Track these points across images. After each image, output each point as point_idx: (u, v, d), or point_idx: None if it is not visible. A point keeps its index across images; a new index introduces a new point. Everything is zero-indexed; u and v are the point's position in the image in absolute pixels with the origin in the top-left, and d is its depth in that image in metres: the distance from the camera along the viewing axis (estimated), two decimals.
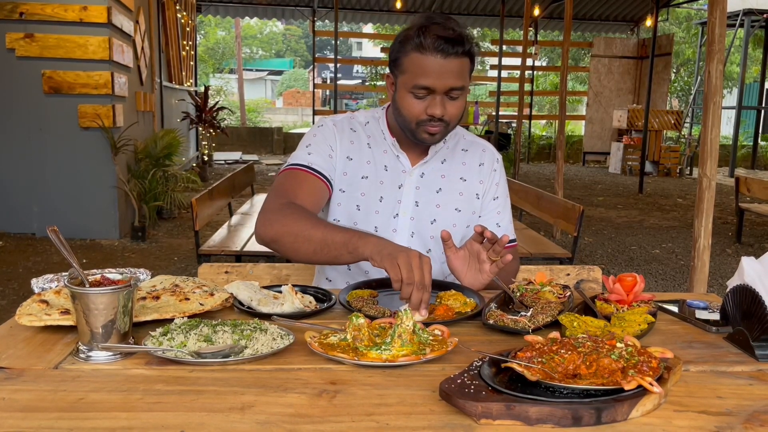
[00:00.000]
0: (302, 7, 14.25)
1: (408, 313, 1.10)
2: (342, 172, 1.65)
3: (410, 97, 1.53)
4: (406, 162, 1.67)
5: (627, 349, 0.99)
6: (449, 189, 1.68)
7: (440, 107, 1.50)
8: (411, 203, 1.65)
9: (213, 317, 1.24)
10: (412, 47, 1.49)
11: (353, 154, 1.66)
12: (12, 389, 0.95)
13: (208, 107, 10.92)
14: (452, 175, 1.69)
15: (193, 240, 3.94)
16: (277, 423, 0.86)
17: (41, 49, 5.77)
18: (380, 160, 1.67)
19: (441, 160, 1.69)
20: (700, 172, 3.32)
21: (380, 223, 1.65)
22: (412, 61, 1.50)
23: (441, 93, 1.50)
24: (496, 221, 1.73)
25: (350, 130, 1.69)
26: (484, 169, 1.72)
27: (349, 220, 1.65)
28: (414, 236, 1.66)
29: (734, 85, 19.92)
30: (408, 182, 1.66)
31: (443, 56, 1.46)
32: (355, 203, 1.64)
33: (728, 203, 9.43)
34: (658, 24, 11.95)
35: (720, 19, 3.18)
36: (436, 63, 1.46)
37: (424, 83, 1.49)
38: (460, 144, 1.74)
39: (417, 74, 1.49)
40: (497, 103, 12.66)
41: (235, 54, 28.05)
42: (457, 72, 1.49)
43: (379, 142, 1.68)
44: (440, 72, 1.47)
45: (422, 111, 1.52)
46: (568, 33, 7.17)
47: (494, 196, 1.73)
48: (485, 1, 14.43)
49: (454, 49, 1.46)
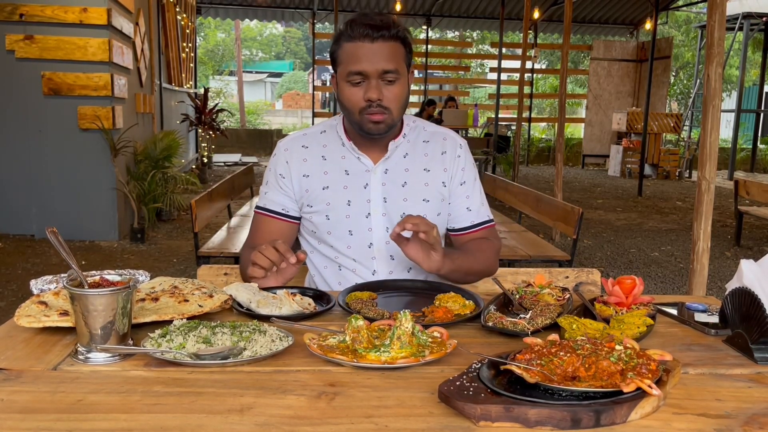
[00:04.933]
0: (302, 10, 14.26)
1: (407, 315, 1.10)
2: (303, 190, 1.71)
3: (348, 86, 1.58)
4: (368, 161, 1.69)
5: (626, 351, 0.99)
6: (414, 181, 1.70)
7: (375, 90, 1.55)
8: (380, 200, 1.68)
9: (212, 319, 1.24)
10: (344, 39, 1.58)
11: (309, 170, 1.71)
12: (10, 390, 0.95)
13: (207, 109, 10.92)
14: (415, 167, 1.72)
15: (192, 242, 3.94)
16: (276, 425, 0.86)
17: (41, 50, 5.78)
18: (339, 166, 1.70)
19: (403, 154, 1.72)
20: (700, 175, 3.32)
21: (353, 226, 1.68)
22: (344, 51, 1.58)
23: (375, 77, 1.55)
24: (465, 206, 1.76)
25: (302, 148, 1.74)
26: (447, 156, 1.75)
27: (324, 231, 1.70)
28: (389, 231, 1.68)
29: (733, 89, 19.94)
30: (373, 180, 1.69)
31: (370, 40, 1.54)
32: (324, 215, 1.69)
33: (727, 206, 9.43)
34: (657, 27, 11.97)
35: (719, 23, 3.19)
36: (364, 48, 1.54)
37: (356, 68, 1.55)
38: (421, 136, 1.76)
39: (349, 62, 1.56)
40: (497, 105, 12.66)
41: (234, 56, 28.06)
42: (387, 55, 1.55)
43: (336, 149, 1.72)
44: (370, 56, 1.54)
45: (360, 98, 1.57)
46: (567, 36, 7.17)
47: (461, 181, 1.76)
48: (485, 4, 14.44)
49: (380, 33, 1.54)
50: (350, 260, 1.70)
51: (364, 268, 1.69)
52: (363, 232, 1.68)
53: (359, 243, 1.69)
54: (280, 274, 1.52)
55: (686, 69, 22.59)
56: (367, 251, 1.69)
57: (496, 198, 5.64)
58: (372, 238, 1.68)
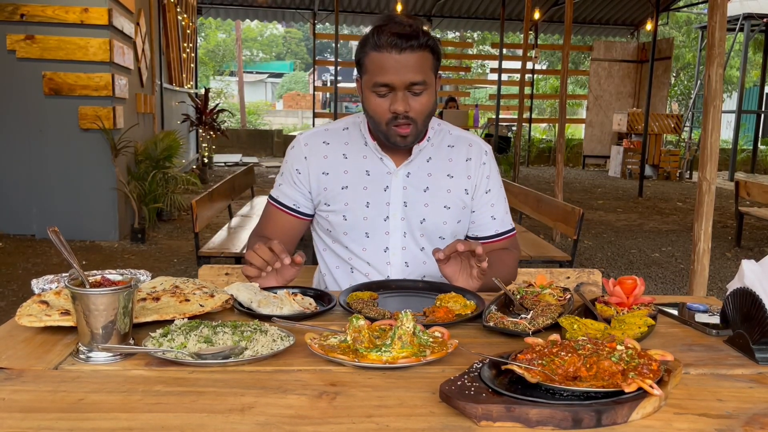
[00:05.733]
0: (303, 10, 14.27)
1: (408, 315, 1.10)
2: (322, 188, 1.67)
3: (374, 97, 1.54)
4: (390, 163, 1.66)
5: (627, 351, 0.99)
6: (436, 187, 1.67)
7: (402, 103, 1.51)
8: (400, 204, 1.65)
9: (213, 318, 1.24)
10: (370, 47, 1.52)
11: (329, 168, 1.67)
12: (12, 389, 0.95)
13: (208, 109, 10.92)
14: (438, 172, 1.68)
15: (193, 242, 3.94)
16: (276, 424, 0.86)
17: (42, 50, 5.78)
18: (360, 166, 1.66)
19: (426, 158, 1.68)
20: (700, 176, 3.32)
21: (370, 228, 1.65)
22: (371, 60, 1.52)
23: (402, 89, 1.51)
24: (490, 214, 1.73)
25: (323, 144, 1.69)
26: (472, 164, 1.71)
27: (340, 231, 1.66)
28: (407, 236, 1.66)
29: (734, 89, 19.92)
30: (394, 183, 1.65)
31: (398, 51, 1.48)
32: (341, 215, 1.65)
33: (728, 207, 9.43)
34: (658, 28, 11.97)
35: (720, 24, 3.19)
36: (391, 59, 1.49)
37: (382, 80, 1.50)
38: (445, 140, 1.72)
39: (376, 72, 1.51)
40: (497, 106, 12.68)
41: (235, 56, 28.07)
42: (414, 66, 1.50)
43: (359, 148, 1.68)
44: (397, 67, 1.49)
45: (386, 110, 1.53)
46: (568, 36, 7.17)
47: (486, 189, 1.72)
48: (486, 5, 14.45)
49: (408, 44, 1.48)
50: (364, 263, 1.66)
51: (377, 273, 1.65)
52: (380, 236, 1.65)
53: (375, 246, 1.65)
54: (280, 274, 1.50)
55: (687, 70, 22.59)
56: (383, 255, 1.65)
57: None
58: (388, 242, 1.65)
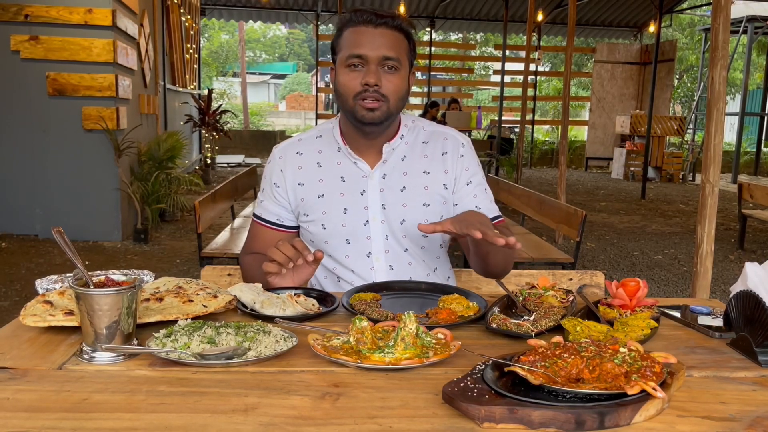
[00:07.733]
0: (306, 11, 14.28)
1: (411, 316, 1.10)
2: (299, 199, 1.67)
3: (346, 72, 1.55)
4: (365, 166, 1.64)
5: (630, 353, 0.98)
6: (413, 185, 1.65)
7: (374, 75, 1.52)
8: (378, 207, 1.63)
9: (216, 319, 1.25)
10: (346, 26, 1.56)
11: (304, 179, 1.66)
12: (16, 389, 0.95)
13: (211, 110, 10.93)
14: (414, 170, 1.66)
15: (196, 242, 3.95)
16: (279, 425, 0.86)
17: (46, 51, 5.80)
18: (334, 173, 1.65)
19: (401, 157, 1.66)
20: (703, 178, 3.32)
21: (351, 234, 1.63)
22: (346, 37, 1.56)
23: (375, 63, 1.52)
24: (474, 205, 1.68)
25: (296, 155, 1.69)
26: (448, 157, 1.68)
27: (321, 241, 1.66)
28: (389, 239, 1.65)
29: (737, 92, 19.89)
30: (370, 186, 1.64)
31: (374, 26, 1.53)
32: (320, 224, 1.64)
33: (731, 209, 9.41)
34: (661, 30, 11.96)
35: (723, 26, 3.19)
36: (367, 32, 1.53)
37: (356, 51, 1.52)
38: (419, 137, 1.70)
39: (351, 46, 1.54)
40: (500, 107, 12.66)
41: (238, 57, 28.10)
42: (389, 42, 1.53)
43: (332, 154, 1.67)
44: (372, 40, 1.52)
45: (357, 83, 1.53)
46: (571, 38, 7.17)
47: (467, 181, 1.69)
48: (488, 7, 14.44)
49: (383, 20, 1.53)
50: (348, 271, 1.65)
51: (361, 281, 1.63)
52: (361, 241, 1.63)
53: (357, 252, 1.64)
54: (297, 274, 1.48)
55: (690, 72, 22.56)
56: (366, 261, 1.64)
57: (499, 200, 5.64)
58: (371, 246, 1.63)
